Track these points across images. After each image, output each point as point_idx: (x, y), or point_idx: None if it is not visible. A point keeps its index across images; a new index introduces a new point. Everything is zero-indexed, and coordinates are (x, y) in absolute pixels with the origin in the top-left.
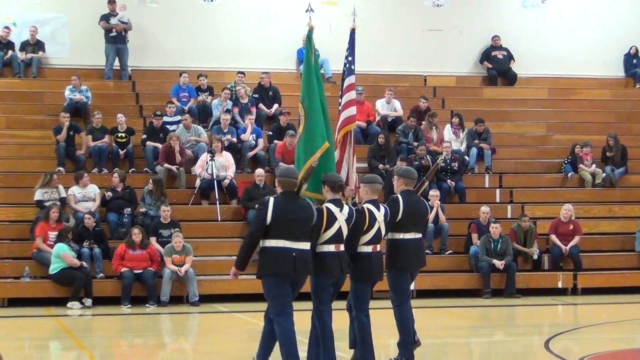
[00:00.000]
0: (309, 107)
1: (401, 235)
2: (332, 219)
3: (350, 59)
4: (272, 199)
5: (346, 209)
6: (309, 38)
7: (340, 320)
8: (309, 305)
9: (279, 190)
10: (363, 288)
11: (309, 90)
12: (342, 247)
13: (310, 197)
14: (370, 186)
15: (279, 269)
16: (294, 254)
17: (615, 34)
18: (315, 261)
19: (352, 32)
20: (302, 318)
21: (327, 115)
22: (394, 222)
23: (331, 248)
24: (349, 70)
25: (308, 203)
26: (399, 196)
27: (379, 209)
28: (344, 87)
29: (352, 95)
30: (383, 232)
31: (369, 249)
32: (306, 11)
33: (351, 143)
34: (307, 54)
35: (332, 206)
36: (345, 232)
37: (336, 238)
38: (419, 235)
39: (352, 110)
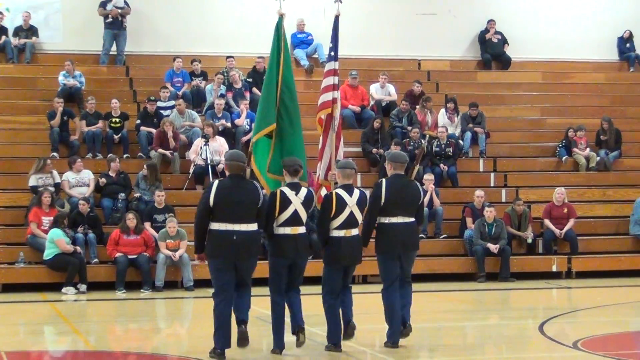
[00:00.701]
0: (262, 92)
1: (387, 220)
2: (285, 202)
3: (331, 45)
4: (216, 182)
5: (303, 191)
6: (278, 26)
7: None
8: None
9: (226, 172)
10: (331, 271)
11: (268, 77)
12: (300, 230)
13: (276, 179)
14: (341, 171)
15: (221, 252)
16: (234, 236)
17: (609, 17)
18: (271, 243)
19: (336, 19)
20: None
21: (295, 100)
22: (378, 206)
23: (287, 230)
24: (329, 56)
25: (255, 186)
26: (383, 181)
27: (351, 194)
28: (325, 72)
29: (330, 80)
30: (358, 217)
31: (340, 233)
32: None
33: (334, 128)
34: (277, 42)
35: (286, 189)
36: (302, 214)
37: (292, 221)
38: (409, 220)
39: (329, 96)
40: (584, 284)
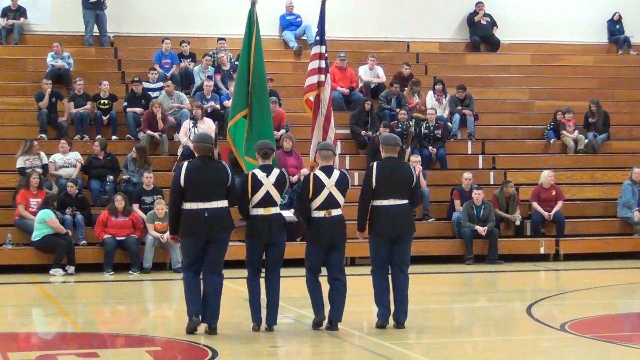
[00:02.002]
0: (236, 78)
1: (378, 202)
2: (257, 184)
3: (318, 29)
4: (185, 163)
5: (275, 173)
6: (250, 12)
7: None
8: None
9: (196, 154)
10: (312, 250)
11: (241, 62)
12: (273, 211)
13: (252, 163)
14: (320, 153)
15: (192, 230)
16: (206, 213)
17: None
18: (247, 224)
19: (323, 4)
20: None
21: (264, 86)
22: (370, 190)
23: (260, 211)
24: (315, 40)
25: (223, 166)
26: (374, 164)
27: (330, 175)
28: (311, 55)
29: (316, 64)
30: (338, 197)
31: (321, 214)
32: None
33: (323, 112)
34: (249, 28)
35: (258, 172)
36: (275, 196)
37: (264, 202)
38: (401, 202)
39: (314, 79)
40: (572, 266)
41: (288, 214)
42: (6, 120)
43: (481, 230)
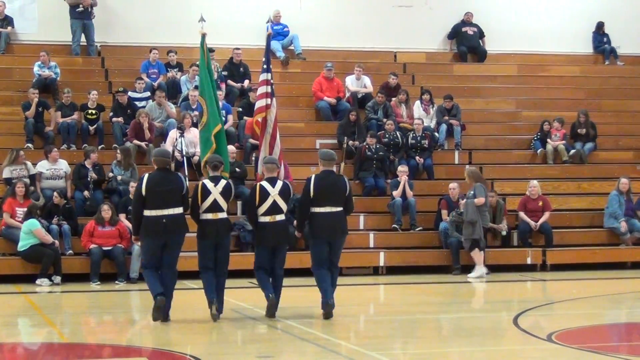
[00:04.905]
0: (207, 100)
1: (316, 209)
2: (206, 192)
3: (264, 59)
4: (146, 175)
5: (222, 183)
6: (202, 44)
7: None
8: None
9: (155, 166)
10: (260, 250)
11: (206, 86)
12: (220, 215)
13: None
14: (265, 166)
15: (152, 234)
16: (164, 220)
17: (584, 10)
18: (198, 227)
19: (268, 37)
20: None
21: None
22: (308, 199)
23: (209, 216)
24: (263, 68)
25: (179, 177)
26: (312, 177)
27: (274, 185)
28: (259, 81)
29: (263, 89)
30: (282, 204)
31: (266, 219)
32: (199, 21)
33: (269, 131)
34: (202, 57)
35: (207, 182)
36: (222, 203)
37: (212, 208)
38: (336, 209)
39: (263, 102)
40: (559, 276)
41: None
42: None
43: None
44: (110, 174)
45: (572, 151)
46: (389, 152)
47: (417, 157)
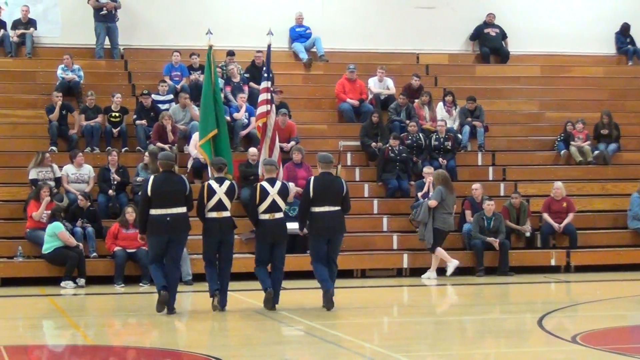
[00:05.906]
0: (202, 106)
1: (315, 209)
2: (211, 192)
3: (265, 67)
4: (152, 177)
5: (226, 184)
6: (208, 55)
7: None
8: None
9: (160, 169)
10: (260, 246)
11: (204, 96)
12: (224, 214)
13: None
14: (264, 167)
15: (157, 231)
16: (168, 218)
17: (607, 11)
18: (204, 225)
19: (269, 47)
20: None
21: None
22: (308, 199)
23: (213, 215)
24: (263, 77)
25: (182, 179)
26: (312, 178)
27: (273, 185)
28: (260, 88)
29: (264, 96)
30: (280, 203)
31: (266, 216)
32: (206, 34)
33: (269, 135)
34: (208, 69)
35: (213, 183)
36: (226, 202)
37: (217, 207)
38: (334, 208)
39: (264, 108)
40: (583, 278)
41: (293, 225)
42: (17, 132)
43: (495, 243)
44: (139, 178)
45: (596, 152)
46: (412, 154)
47: (440, 159)
